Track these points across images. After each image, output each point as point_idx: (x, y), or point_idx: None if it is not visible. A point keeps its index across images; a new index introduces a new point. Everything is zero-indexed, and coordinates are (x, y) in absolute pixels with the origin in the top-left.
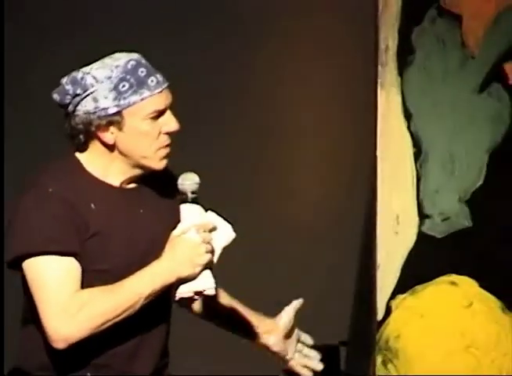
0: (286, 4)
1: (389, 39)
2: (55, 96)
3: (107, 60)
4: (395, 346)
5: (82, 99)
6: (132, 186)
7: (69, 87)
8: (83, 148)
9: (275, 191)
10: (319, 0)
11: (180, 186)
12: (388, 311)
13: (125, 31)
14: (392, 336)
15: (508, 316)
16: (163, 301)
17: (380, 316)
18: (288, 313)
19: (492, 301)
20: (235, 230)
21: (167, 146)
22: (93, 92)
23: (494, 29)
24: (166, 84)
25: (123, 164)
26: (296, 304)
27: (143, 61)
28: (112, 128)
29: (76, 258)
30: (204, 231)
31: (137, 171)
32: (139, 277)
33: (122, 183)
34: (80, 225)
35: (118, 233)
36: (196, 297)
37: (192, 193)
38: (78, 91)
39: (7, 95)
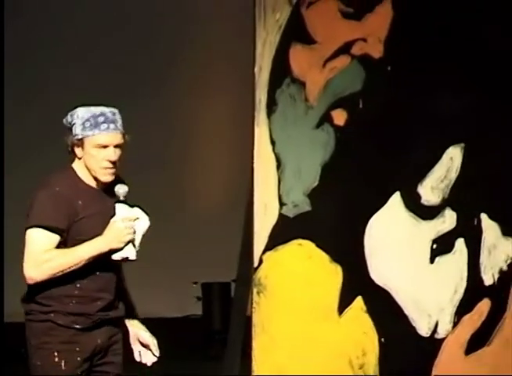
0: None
1: (262, 95)
2: (64, 122)
3: (90, 107)
4: (264, 282)
5: (72, 126)
6: (101, 187)
7: (68, 117)
8: (74, 158)
9: (194, 190)
10: (216, 70)
11: (116, 192)
12: (261, 261)
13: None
14: (263, 276)
15: (333, 264)
16: (116, 270)
17: (256, 264)
18: (143, 339)
19: (323, 255)
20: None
21: (109, 168)
22: (75, 123)
23: (325, 90)
24: (113, 131)
25: (91, 173)
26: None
27: (108, 113)
28: (80, 148)
29: (58, 233)
30: (129, 221)
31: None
32: (84, 246)
33: (98, 185)
34: (71, 212)
35: (95, 217)
36: (124, 260)
37: (124, 197)
38: (71, 120)
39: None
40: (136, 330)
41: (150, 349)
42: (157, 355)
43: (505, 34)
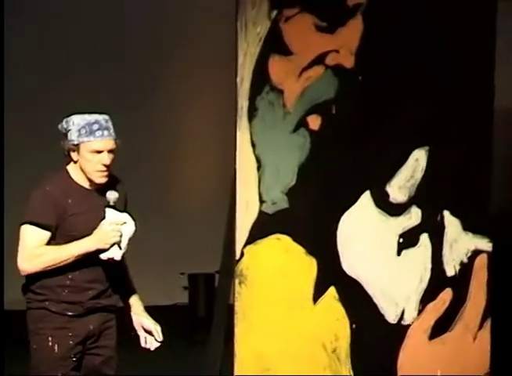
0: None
1: (243, 102)
2: (59, 127)
3: (84, 114)
4: (245, 273)
5: (67, 132)
6: (93, 188)
7: (64, 123)
8: (69, 162)
9: (182, 189)
10: (202, 85)
11: (107, 198)
12: (242, 254)
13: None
14: (244, 268)
15: (308, 257)
16: (113, 264)
17: (237, 256)
18: (146, 326)
19: (299, 249)
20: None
21: (103, 170)
22: (70, 129)
23: (301, 97)
24: (107, 138)
25: (86, 175)
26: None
27: (101, 120)
28: (75, 152)
29: (48, 229)
30: (116, 224)
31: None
32: (73, 245)
33: (90, 186)
34: (60, 210)
35: (85, 215)
36: (110, 260)
37: (114, 202)
38: (66, 126)
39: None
40: (140, 318)
41: (153, 335)
42: (160, 340)
43: (465, 48)
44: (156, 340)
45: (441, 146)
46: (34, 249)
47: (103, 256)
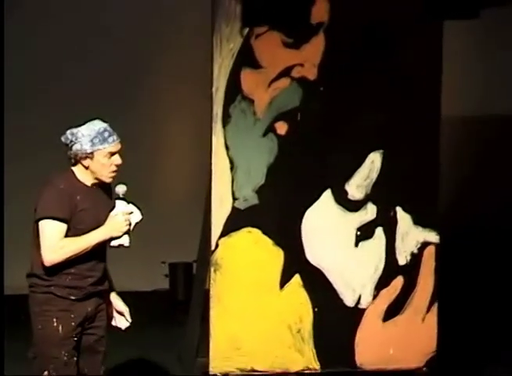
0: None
1: (218, 110)
2: (63, 140)
3: (90, 125)
4: (220, 263)
5: (75, 143)
6: (95, 186)
7: (69, 136)
8: (75, 164)
9: (163, 186)
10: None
11: (116, 191)
12: (217, 245)
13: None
14: (219, 258)
15: (276, 248)
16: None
17: (213, 247)
18: (119, 308)
19: (267, 240)
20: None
21: (115, 171)
22: (80, 140)
23: (269, 106)
24: (117, 141)
25: (92, 176)
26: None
27: (108, 127)
28: (88, 159)
29: (65, 222)
30: (127, 214)
31: (98, 180)
32: (90, 235)
33: (91, 185)
34: (72, 205)
35: (91, 210)
36: (120, 246)
37: (123, 194)
38: (73, 138)
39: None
40: (113, 300)
41: (124, 316)
42: (130, 321)
43: (415, 62)
44: (126, 320)
45: (394, 149)
46: (57, 241)
47: (114, 243)
